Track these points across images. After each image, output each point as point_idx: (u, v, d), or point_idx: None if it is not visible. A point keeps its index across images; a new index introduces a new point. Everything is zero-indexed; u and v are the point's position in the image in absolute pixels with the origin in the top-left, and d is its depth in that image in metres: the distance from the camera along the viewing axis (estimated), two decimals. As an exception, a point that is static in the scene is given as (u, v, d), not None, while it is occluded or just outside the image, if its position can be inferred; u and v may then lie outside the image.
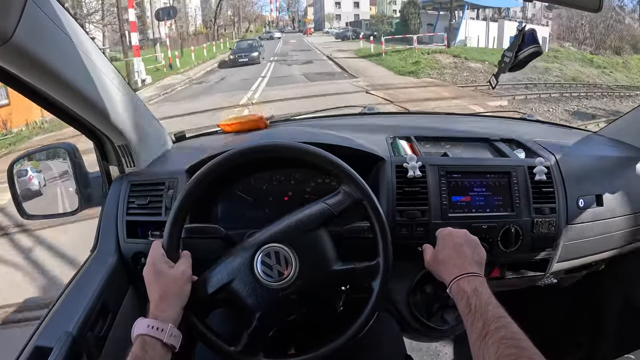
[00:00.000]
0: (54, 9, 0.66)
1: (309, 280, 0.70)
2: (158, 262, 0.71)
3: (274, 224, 0.75)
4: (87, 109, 0.83)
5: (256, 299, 0.69)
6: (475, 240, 0.77)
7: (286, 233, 0.72)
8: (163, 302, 0.67)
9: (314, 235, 0.72)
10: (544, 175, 0.96)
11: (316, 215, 0.73)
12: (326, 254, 0.72)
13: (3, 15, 0.55)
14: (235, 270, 0.71)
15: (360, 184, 0.74)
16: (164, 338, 0.64)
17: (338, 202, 0.74)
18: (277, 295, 0.69)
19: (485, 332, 0.58)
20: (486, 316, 0.60)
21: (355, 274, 0.73)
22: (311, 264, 0.71)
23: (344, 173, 0.74)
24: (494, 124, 1.38)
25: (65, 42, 0.71)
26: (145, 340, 0.63)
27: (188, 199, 0.73)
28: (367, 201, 0.74)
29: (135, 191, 0.97)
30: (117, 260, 0.94)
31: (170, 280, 0.69)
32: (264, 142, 0.78)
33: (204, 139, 1.23)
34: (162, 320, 0.65)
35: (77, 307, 0.80)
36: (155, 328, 0.64)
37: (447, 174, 0.93)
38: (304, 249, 0.71)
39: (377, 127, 1.18)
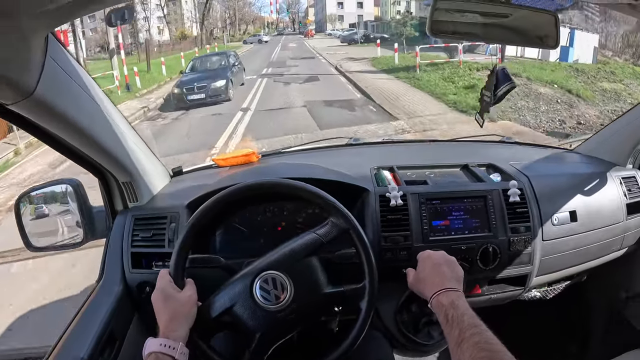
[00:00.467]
0: (70, 63, 0.74)
1: (304, 303, 0.78)
2: (166, 288, 0.77)
3: (270, 253, 0.82)
4: (97, 150, 0.91)
5: (256, 321, 0.77)
6: (453, 259, 0.84)
7: (281, 261, 0.80)
8: (172, 323, 0.73)
9: (306, 262, 0.80)
10: (517, 197, 1.03)
11: (307, 245, 0.81)
12: (318, 279, 0.80)
13: (26, 72, 0.62)
14: (237, 295, 0.78)
15: (346, 215, 0.82)
16: (176, 355, 0.70)
17: (327, 232, 0.82)
18: (275, 316, 0.77)
19: (461, 339, 0.65)
20: (462, 325, 0.67)
21: (344, 296, 0.80)
22: (305, 288, 0.78)
23: (331, 206, 0.82)
24: (473, 149, 1.46)
25: (80, 92, 0.79)
26: (158, 357, 0.69)
27: (192, 231, 0.81)
28: (353, 230, 0.81)
29: (139, 225, 1.03)
30: (122, 290, 1.00)
31: (178, 304, 0.76)
32: (262, 180, 0.86)
33: (200, 173, 1.30)
34: (173, 339, 0.71)
35: (87, 335, 0.86)
36: (167, 346, 0.70)
37: (427, 200, 1.01)
38: (298, 275, 0.78)
39: (362, 159, 1.25)
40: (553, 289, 1.30)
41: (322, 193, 0.83)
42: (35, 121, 0.74)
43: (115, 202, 1.09)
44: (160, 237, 1.01)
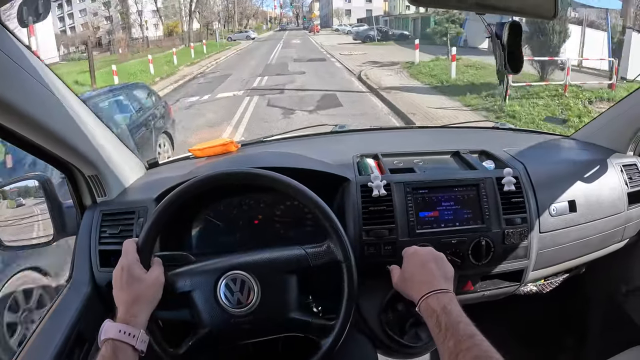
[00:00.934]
0: (14, 45, 0.68)
1: (263, 318, 0.73)
2: (133, 267, 0.71)
3: (250, 253, 0.77)
4: (54, 141, 0.84)
5: (209, 316, 0.72)
6: (441, 256, 0.77)
7: (258, 266, 0.74)
8: (134, 307, 0.68)
9: (284, 278, 0.75)
10: (512, 185, 0.96)
11: (292, 261, 0.75)
12: (288, 299, 0.74)
13: None
14: (200, 283, 0.74)
15: (346, 246, 0.75)
16: (135, 344, 0.64)
17: (318, 255, 0.75)
18: (229, 319, 0.72)
19: (458, 351, 0.58)
20: (457, 335, 0.60)
21: (309, 327, 0.75)
22: (271, 304, 0.73)
23: (334, 230, 0.75)
24: (465, 135, 1.39)
25: (30, 81, 0.72)
26: (116, 345, 0.63)
27: (169, 206, 0.75)
28: (347, 264, 0.75)
29: (107, 220, 0.97)
30: (91, 290, 0.95)
31: (144, 286, 0.70)
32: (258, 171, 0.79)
33: (176, 165, 1.24)
34: (133, 325, 0.66)
35: (53, 337, 0.81)
36: (127, 333, 0.64)
37: (414, 190, 0.93)
38: (270, 288, 0.73)
39: (345, 147, 1.18)
40: (550, 283, 1.24)
41: (328, 210, 0.76)
42: None
43: (84, 197, 1.03)
44: (129, 233, 0.95)
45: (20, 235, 1.14)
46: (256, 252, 0.77)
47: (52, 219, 1.04)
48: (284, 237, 0.95)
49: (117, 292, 0.70)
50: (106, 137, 0.98)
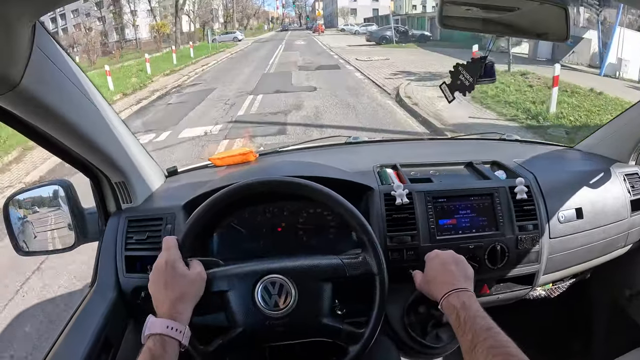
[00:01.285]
0: (59, 55, 0.70)
1: (298, 322, 0.76)
2: (177, 262, 0.72)
3: (289, 258, 0.80)
4: (88, 148, 0.86)
5: (244, 316, 0.75)
6: (462, 258, 0.81)
7: (297, 272, 0.77)
8: (180, 304, 0.69)
9: (320, 285, 0.78)
10: (524, 194, 1.01)
11: (329, 269, 0.78)
12: (322, 306, 0.77)
13: (12, 62, 0.57)
14: (238, 283, 0.76)
15: (381, 260, 0.78)
16: (182, 339, 0.66)
17: (354, 266, 0.78)
18: (265, 321, 0.75)
19: (475, 343, 0.62)
20: (475, 328, 0.64)
21: (339, 333, 0.78)
22: (306, 309, 0.76)
23: (371, 244, 0.79)
24: (475, 147, 1.44)
25: (69, 86, 0.74)
26: (164, 340, 0.65)
27: (211, 207, 0.78)
28: (380, 277, 0.78)
29: (133, 227, 0.99)
30: (117, 295, 0.95)
31: (189, 282, 0.72)
32: (300, 180, 0.82)
33: (195, 173, 1.26)
34: (179, 322, 0.67)
35: (81, 342, 0.82)
36: (174, 329, 0.66)
37: (433, 199, 0.98)
38: (307, 293, 0.76)
39: (363, 157, 1.22)
40: (557, 287, 1.28)
41: (367, 225, 0.80)
42: (20, 116, 0.69)
43: (108, 204, 1.04)
44: (156, 239, 0.96)
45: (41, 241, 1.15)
46: (294, 258, 0.80)
47: (75, 224, 1.05)
48: (307, 245, 0.97)
49: (160, 287, 0.71)
50: (133, 146, 1.00)
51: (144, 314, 0.95)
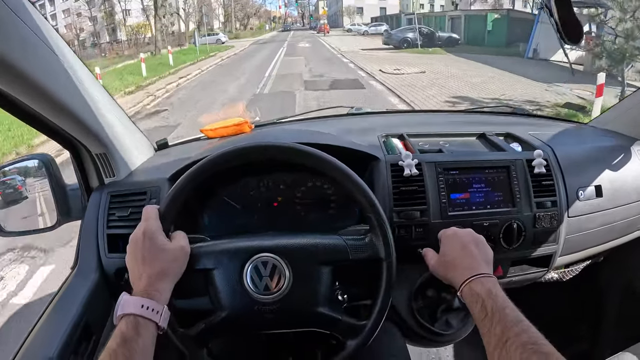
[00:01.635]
0: (29, 14, 0.63)
1: (290, 310, 0.67)
2: (156, 234, 0.64)
3: (284, 236, 0.71)
4: (61, 115, 0.78)
5: (230, 299, 0.67)
6: (482, 238, 0.73)
7: (294, 252, 0.68)
8: (160, 282, 0.61)
9: (318, 268, 0.69)
10: (543, 167, 0.93)
11: (330, 251, 0.69)
12: (319, 291, 0.68)
13: None
14: (224, 261, 0.67)
15: (390, 243, 0.69)
16: (159, 321, 0.59)
17: (358, 248, 0.69)
18: (253, 306, 0.66)
19: (506, 337, 0.55)
20: (505, 320, 0.57)
21: (337, 325, 0.69)
22: (300, 294, 0.67)
23: (379, 225, 0.69)
24: (486, 119, 1.36)
25: (40, 46, 0.67)
26: (138, 321, 0.57)
27: (196, 174, 0.69)
28: (387, 263, 0.69)
29: (116, 202, 0.91)
30: (99, 277, 0.88)
31: (171, 258, 0.64)
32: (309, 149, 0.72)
33: (187, 146, 1.18)
34: (157, 301, 0.59)
35: (58, 330, 0.75)
36: (151, 309, 0.58)
37: (445, 170, 0.89)
38: (302, 277, 0.67)
39: (366, 127, 1.14)
40: (570, 271, 1.22)
41: (375, 200, 0.70)
42: None
43: (90, 179, 0.96)
44: (139, 215, 0.88)
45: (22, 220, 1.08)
46: (291, 236, 0.71)
47: (56, 202, 0.98)
48: (305, 221, 0.90)
49: (138, 262, 0.63)
50: (117, 115, 0.92)
51: None
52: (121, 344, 0.54)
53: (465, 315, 0.86)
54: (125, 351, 0.54)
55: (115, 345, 0.54)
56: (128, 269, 0.64)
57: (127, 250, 0.65)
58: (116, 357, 0.53)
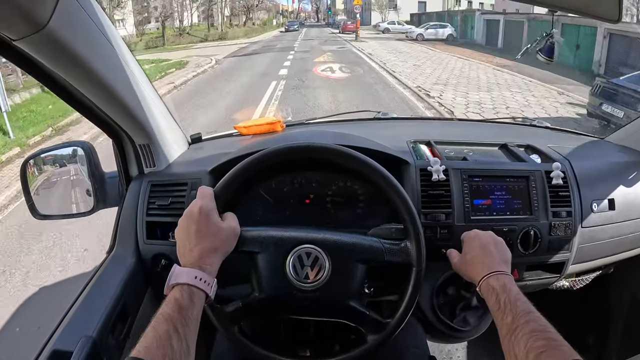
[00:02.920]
0: (94, 10, 0.66)
1: (324, 298, 0.72)
2: (211, 212, 0.67)
3: (329, 231, 0.76)
4: (113, 105, 0.83)
5: (270, 283, 0.71)
6: (501, 240, 0.78)
7: (335, 247, 0.73)
8: (212, 256, 0.65)
9: (355, 265, 0.74)
10: (560, 179, 0.98)
11: (369, 251, 0.74)
12: (352, 286, 0.73)
13: (40, 2, 0.54)
14: (270, 247, 0.72)
15: (422, 253, 0.74)
16: (210, 292, 0.63)
17: (394, 252, 0.74)
18: (291, 292, 0.71)
19: (515, 326, 0.59)
20: (515, 311, 0.62)
21: (364, 319, 0.74)
22: (336, 287, 0.72)
23: (415, 234, 0.74)
24: (507, 130, 1.40)
25: (97, 34, 0.70)
26: (192, 291, 0.60)
27: (254, 163, 0.73)
28: (417, 270, 0.74)
29: (156, 191, 0.96)
30: (136, 262, 0.93)
31: (224, 235, 0.68)
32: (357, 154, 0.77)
33: (220, 141, 1.22)
34: (209, 273, 0.63)
35: (97, 310, 0.79)
36: (203, 280, 0.62)
37: (469, 177, 0.95)
38: (339, 271, 0.72)
39: (394, 131, 1.19)
40: (581, 280, 1.26)
41: (414, 211, 0.74)
42: (44, 62, 0.66)
43: (130, 167, 1.01)
44: (179, 205, 0.93)
45: (58, 205, 1.12)
46: (333, 232, 0.76)
47: (94, 189, 1.02)
48: (335, 219, 0.94)
49: (191, 235, 0.66)
50: (160, 108, 0.97)
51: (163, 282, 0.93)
52: (177, 310, 0.57)
53: (482, 314, 0.91)
54: (182, 318, 0.57)
55: (171, 312, 0.57)
56: (177, 242, 0.68)
57: (179, 223, 0.69)
58: (173, 323, 0.55)
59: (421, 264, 0.74)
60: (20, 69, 0.68)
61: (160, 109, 0.97)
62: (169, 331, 0.54)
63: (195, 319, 0.59)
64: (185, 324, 0.56)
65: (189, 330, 0.57)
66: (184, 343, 0.55)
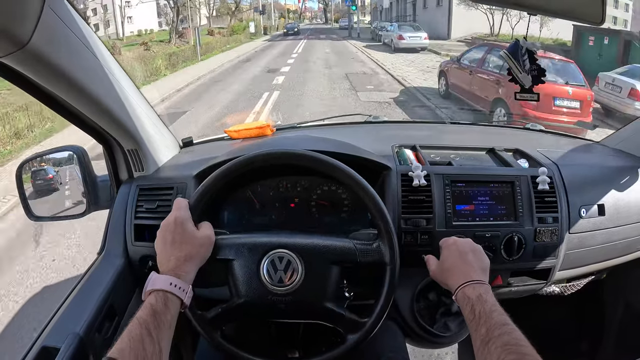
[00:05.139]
0: (70, 14, 0.68)
1: (299, 300, 0.74)
2: (186, 222, 0.71)
3: (300, 235, 0.77)
4: (99, 113, 0.85)
5: (247, 288, 0.73)
6: (479, 248, 0.78)
7: (307, 250, 0.75)
8: (187, 264, 0.68)
9: (328, 266, 0.75)
10: (546, 185, 0.97)
11: (340, 252, 0.75)
12: (327, 288, 0.75)
13: (20, 21, 0.56)
14: (244, 253, 0.74)
15: (395, 251, 0.75)
16: (185, 298, 0.65)
17: (367, 252, 0.75)
18: (267, 295, 0.73)
19: (489, 338, 0.59)
20: (490, 322, 0.62)
21: (341, 319, 0.75)
22: (311, 289, 0.74)
23: (387, 233, 0.75)
24: (498, 134, 1.40)
25: (80, 47, 0.72)
26: (167, 297, 0.63)
27: (224, 174, 0.76)
28: (391, 268, 0.75)
29: (144, 195, 0.98)
30: (124, 263, 0.95)
31: (198, 244, 0.70)
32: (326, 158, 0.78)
33: (211, 145, 1.24)
34: (184, 280, 0.66)
35: (85, 309, 0.81)
36: (178, 287, 0.65)
37: (452, 182, 0.95)
38: (313, 273, 0.74)
39: (382, 135, 1.19)
40: (572, 285, 1.25)
41: (384, 210, 0.76)
42: (31, 77, 0.68)
43: (120, 171, 1.04)
44: (166, 208, 0.95)
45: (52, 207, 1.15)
46: (307, 235, 0.77)
47: (86, 192, 1.05)
48: (319, 223, 0.95)
49: (167, 245, 0.69)
50: (147, 113, 0.99)
51: None
52: (152, 314, 0.60)
53: (462, 320, 0.91)
54: (155, 322, 0.59)
55: (145, 316, 0.60)
56: (157, 251, 0.71)
57: (157, 234, 0.72)
58: (147, 326, 0.58)
59: (394, 261, 0.75)
60: (8, 81, 0.70)
61: (148, 115, 0.99)
62: (142, 334, 0.57)
63: (169, 323, 0.62)
64: (158, 328, 0.59)
65: (162, 334, 0.59)
66: (157, 346, 0.58)
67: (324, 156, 0.77)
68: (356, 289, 0.80)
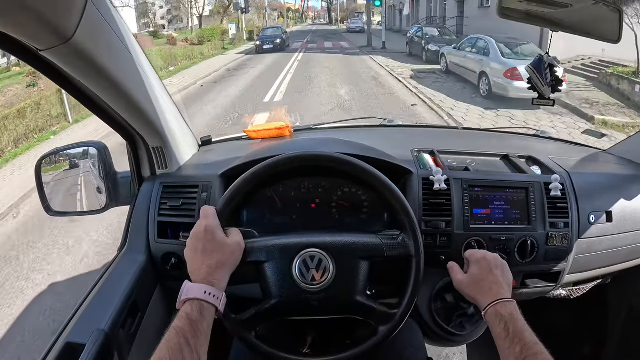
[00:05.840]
0: (109, 11, 0.69)
1: (332, 297, 0.76)
2: (216, 230, 0.72)
3: (328, 234, 0.80)
4: (130, 110, 0.86)
5: (280, 288, 0.75)
6: (504, 263, 0.81)
7: (337, 248, 0.77)
8: (219, 272, 0.69)
9: (358, 262, 0.78)
10: (559, 191, 1.01)
11: (369, 249, 0.78)
12: (357, 283, 0.77)
13: (66, 15, 0.58)
14: (275, 255, 0.76)
15: (419, 243, 0.79)
16: (219, 306, 0.66)
17: (393, 246, 0.79)
18: (300, 294, 0.75)
19: (524, 356, 0.63)
20: (524, 341, 0.65)
21: (372, 312, 0.78)
22: (342, 285, 0.76)
23: (411, 226, 0.79)
24: (510, 141, 1.43)
25: (117, 43, 0.74)
26: (202, 305, 0.64)
27: (251, 178, 0.78)
28: (417, 259, 0.78)
29: (168, 193, 0.99)
30: (147, 260, 0.97)
31: (229, 251, 0.72)
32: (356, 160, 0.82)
33: (230, 144, 1.26)
34: (217, 288, 0.67)
35: (109, 305, 0.82)
36: (213, 295, 0.66)
37: (470, 187, 0.98)
38: (343, 270, 0.76)
39: (398, 139, 1.22)
40: (578, 289, 1.28)
41: (409, 208, 0.79)
42: (68, 71, 0.70)
43: (143, 168, 1.05)
44: (190, 206, 0.97)
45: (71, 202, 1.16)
46: (334, 234, 0.80)
47: (107, 188, 1.06)
48: (340, 223, 0.98)
49: (198, 254, 0.70)
50: (172, 111, 1.00)
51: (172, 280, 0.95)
52: (188, 324, 0.61)
53: (477, 321, 0.95)
54: (192, 331, 0.61)
55: (183, 325, 0.61)
56: (187, 260, 0.72)
57: (187, 244, 0.73)
58: (185, 335, 0.59)
59: (419, 254, 0.78)
60: (45, 76, 0.72)
61: (173, 113, 1.00)
62: (180, 343, 0.59)
63: (205, 331, 0.63)
64: (196, 336, 0.61)
65: (200, 342, 0.61)
66: (195, 354, 0.59)
67: (347, 157, 0.81)
68: (380, 289, 0.83)
